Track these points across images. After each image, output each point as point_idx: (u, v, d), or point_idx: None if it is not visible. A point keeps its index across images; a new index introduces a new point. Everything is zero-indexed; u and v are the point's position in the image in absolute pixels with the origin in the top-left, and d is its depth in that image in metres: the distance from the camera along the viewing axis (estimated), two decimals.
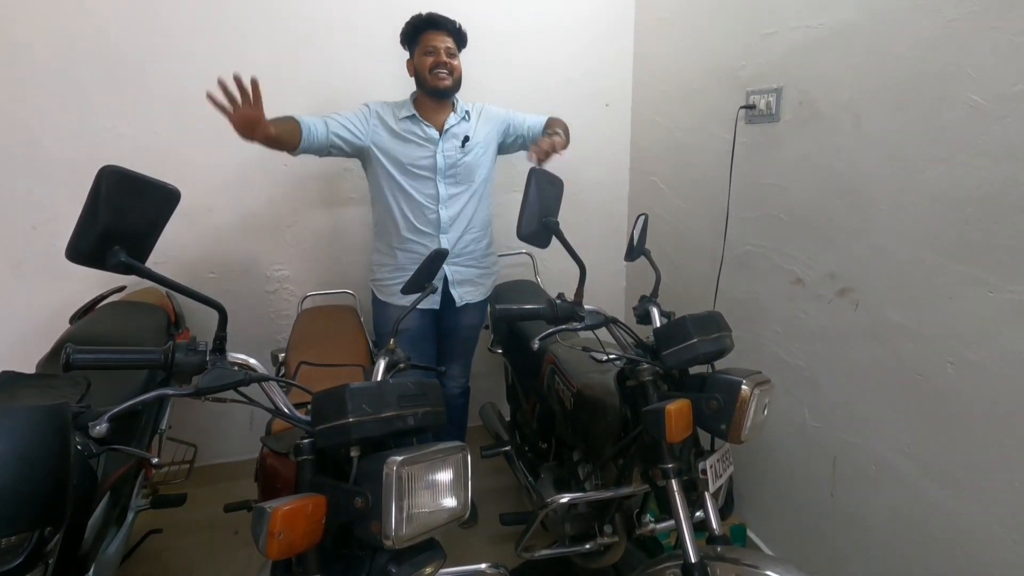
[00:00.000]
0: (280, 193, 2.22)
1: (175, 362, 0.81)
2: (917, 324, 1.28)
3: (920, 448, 1.30)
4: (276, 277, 2.30)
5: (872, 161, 1.35)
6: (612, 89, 2.47)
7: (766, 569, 1.07)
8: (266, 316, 2.33)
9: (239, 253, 2.24)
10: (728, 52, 1.82)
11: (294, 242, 2.28)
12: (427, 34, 1.74)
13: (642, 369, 1.14)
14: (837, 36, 1.42)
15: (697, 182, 2.06)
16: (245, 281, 2.27)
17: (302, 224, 2.27)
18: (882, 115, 1.32)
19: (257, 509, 0.75)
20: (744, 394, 1.04)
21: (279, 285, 2.31)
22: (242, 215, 2.21)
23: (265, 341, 2.33)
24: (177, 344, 0.83)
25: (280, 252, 2.28)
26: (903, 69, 1.26)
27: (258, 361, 2.38)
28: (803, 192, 1.58)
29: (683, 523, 1.08)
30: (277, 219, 2.24)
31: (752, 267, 1.79)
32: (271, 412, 0.89)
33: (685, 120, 2.09)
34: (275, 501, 0.76)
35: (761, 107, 1.68)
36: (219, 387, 0.82)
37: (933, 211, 1.22)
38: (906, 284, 1.29)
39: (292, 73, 2.13)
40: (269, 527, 0.72)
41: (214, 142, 2.11)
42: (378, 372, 1.09)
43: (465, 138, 1.83)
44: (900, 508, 1.36)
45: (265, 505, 0.74)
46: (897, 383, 1.34)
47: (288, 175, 2.21)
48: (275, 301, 2.32)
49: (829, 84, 1.45)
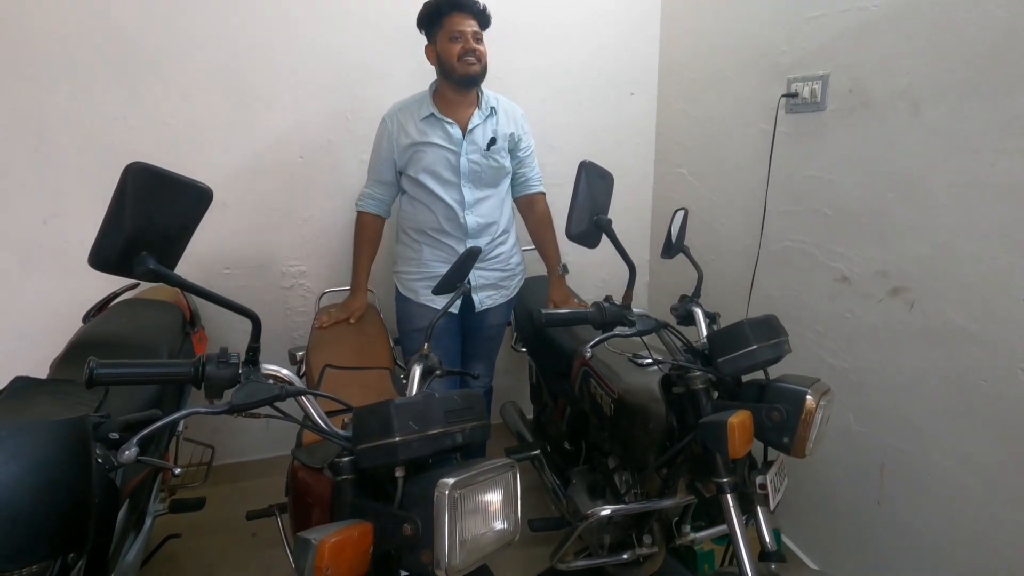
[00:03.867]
0: (296, 186, 2.15)
1: (206, 376, 0.74)
2: (983, 327, 1.20)
3: (983, 458, 1.22)
4: (292, 273, 2.23)
5: (933, 152, 1.27)
6: (637, 77, 2.38)
7: None
8: (281, 313, 2.27)
9: (254, 249, 2.17)
10: (767, 37, 1.73)
11: (310, 237, 2.22)
12: (451, 17, 1.64)
13: (694, 376, 1.07)
14: (895, 17, 1.33)
15: (730, 175, 1.98)
16: (260, 277, 2.21)
17: (319, 218, 2.20)
18: (946, 103, 1.23)
19: (301, 541, 0.69)
20: (810, 405, 0.97)
21: (294, 281, 2.25)
22: (257, 209, 2.14)
23: (281, 338, 2.27)
24: (208, 356, 0.76)
25: (296, 247, 2.21)
26: (972, 52, 1.17)
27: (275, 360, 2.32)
28: (850, 185, 1.49)
29: (739, 539, 1.01)
30: (293, 213, 2.18)
31: (791, 264, 1.71)
32: (309, 428, 0.82)
33: (717, 110, 2.00)
34: (319, 530, 0.70)
35: (804, 95, 1.59)
36: (254, 404, 0.75)
37: (1004, 206, 1.14)
38: (971, 284, 1.22)
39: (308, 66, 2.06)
40: (316, 562, 0.66)
41: (227, 134, 2.04)
42: (414, 380, 1.03)
43: (491, 140, 1.75)
44: (957, 520, 1.29)
45: (310, 536, 0.68)
46: (957, 389, 1.26)
47: (304, 168, 2.14)
48: (291, 298, 2.26)
49: (884, 70, 1.37)
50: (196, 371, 0.75)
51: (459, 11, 1.63)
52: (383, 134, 1.77)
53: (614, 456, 1.44)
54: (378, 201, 1.82)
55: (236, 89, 2.01)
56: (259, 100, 2.04)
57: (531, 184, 1.92)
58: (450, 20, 1.64)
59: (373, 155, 1.82)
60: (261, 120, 2.06)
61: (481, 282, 1.83)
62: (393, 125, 1.75)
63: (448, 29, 1.64)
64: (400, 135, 1.74)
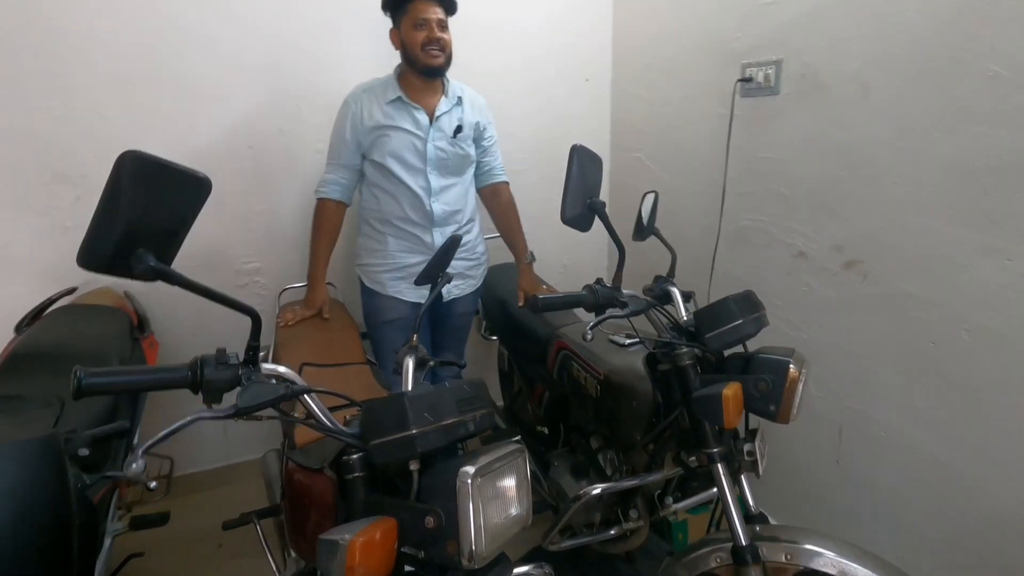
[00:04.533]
0: (247, 179, 2.04)
1: (205, 380, 0.70)
2: (931, 293, 1.30)
3: (933, 414, 1.34)
4: (246, 271, 2.13)
5: (882, 133, 1.36)
6: (591, 63, 2.41)
7: (805, 543, 1.06)
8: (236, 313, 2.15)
9: (203, 247, 2.04)
10: (721, 24, 1.78)
11: (264, 232, 2.11)
12: (416, 3, 1.60)
13: (682, 353, 1.10)
14: (845, 4, 1.40)
15: (687, 158, 2.04)
16: (211, 277, 2.08)
17: (273, 212, 2.10)
18: (893, 86, 1.32)
19: (326, 543, 0.66)
20: (793, 374, 1.03)
21: (249, 279, 2.14)
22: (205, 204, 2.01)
23: (236, 339, 2.16)
24: (204, 358, 0.71)
25: (249, 244, 2.10)
26: (917, 38, 1.26)
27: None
28: (805, 165, 1.58)
29: (731, 507, 1.06)
30: (244, 208, 2.06)
31: (750, 242, 1.79)
32: (314, 427, 0.79)
33: (673, 95, 2.05)
34: (341, 531, 0.67)
35: (759, 80, 1.66)
36: (261, 405, 0.71)
37: (948, 182, 1.24)
38: (919, 255, 1.32)
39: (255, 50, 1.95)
40: (347, 562, 0.63)
41: (167, 125, 1.91)
42: (408, 372, 1.00)
43: (457, 128, 1.72)
44: (912, 472, 1.40)
45: (336, 537, 0.65)
46: (909, 352, 1.37)
47: (254, 159, 2.03)
48: (246, 296, 2.15)
49: (835, 55, 1.44)
50: (195, 374, 0.70)
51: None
52: (346, 115, 1.70)
53: (597, 436, 1.47)
54: (341, 187, 1.75)
55: (175, 76, 1.87)
56: (201, 87, 1.91)
57: (495, 173, 1.92)
58: (415, 6, 1.59)
59: (334, 138, 1.75)
60: (205, 109, 1.94)
61: (449, 272, 1.81)
62: (357, 106, 1.69)
63: (413, 15, 1.60)
64: (365, 116, 1.68)
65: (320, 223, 1.77)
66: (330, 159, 1.76)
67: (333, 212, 1.76)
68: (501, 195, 1.94)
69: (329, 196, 1.74)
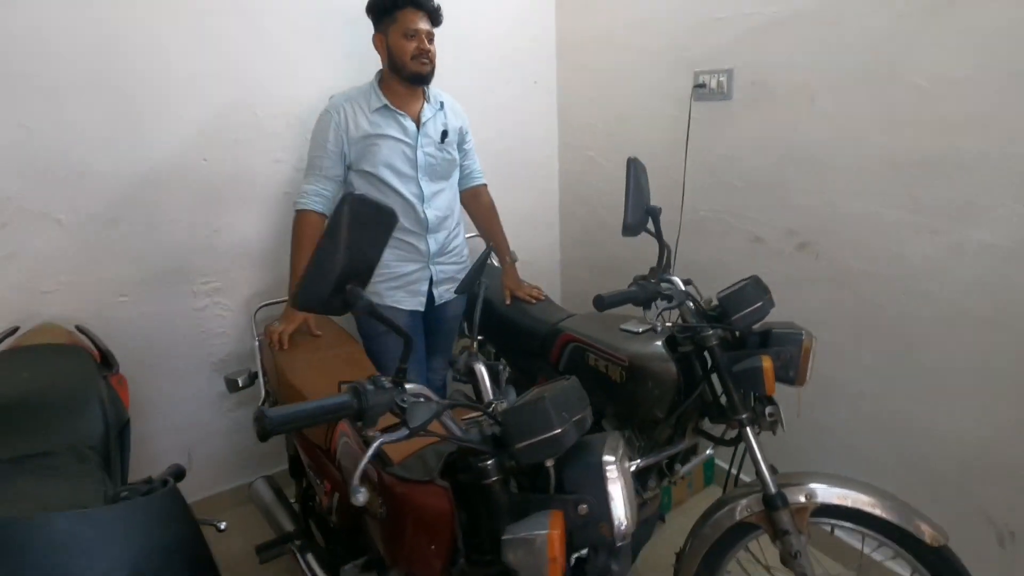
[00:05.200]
0: (202, 194, 1.90)
1: (368, 406, 0.71)
2: (874, 266, 1.58)
3: (880, 366, 1.62)
4: (205, 291, 1.98)
5: (827, 133, 1.61)
6: (539, 67, 2.51)
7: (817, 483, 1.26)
8: (196, 337, 2.01)
9: (156, 269, 1.88)
10: (673, 34, 1.97)
11: (224, 249, 1.98)
12: (406, 12, 1.60)
13: (708, 334, 1.26)
14: (790, 23, 1.63)
15: (642, 156, 2.20)
16: (167, 301, 1.92)
17: (232, 227, 1.98)
18: (836, 95, 1.57)
19: (517, 541, 0.71)
20: (807, 344, 1.23)
21: (209, 300, 2.00)
22: (155, 224, 1.85)
23: (197, 367, 2.02)
24: (361, 385, 0.72)
25: (208, 263, 1.96)
26: (856, 55, 1.51)
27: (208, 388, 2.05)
28: (758, 162, 1.81)
29: (760, 463, 1.23)
30: (200, 225, 1.92)
31: (710, 231, 2.01)
32: (455, 440, 0.81)
33: (626, 98, 2.22)
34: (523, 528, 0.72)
35: (712, 86, 1.87)
36: (428, 422, 0.73)
37: (884, 174, 1.51)
38: (863, 235, 1.58)
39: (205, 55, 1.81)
40: (549, 553, 0.69)
41: (109, 138, 1.73)
42: (484, 380, 1.06)
43: (443, 133, 1.75)
44: (862, 416, 1.69)
45: (526, 534, 0.70)
46: (857, 316, 1.64)
47: (210, 172, 1.90)
48: (206, 319, 2.01)
49: (783, 67, 1.67)
50: (360, 401, 0.70)
51: (415, 7, 1.61)
52: (328, 126, 1.66)
53: (610, 418, 1.60)
54: (323, 198, 1.70)
55: (113, 83, 1.70)
56: (146, 96, 1.75)
57: (475, 176, 1.97)
58: (404, 15, 1.60)
59: (316, 150, 1.69)
60: (151, 120, 1.78)
61: (441, 276, 1.84)
62: (340, 116, 1.65)
63: (403, 24, 1.60)
64: (351, 127, 1.65)
65: (302, 235, 1.70)
66: (311, 170, 1.71)
67: (316, 223, 1.70)
68: (481, 197, 2.00)
69: (312, 208, 1.69)
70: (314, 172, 1.70)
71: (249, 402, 2.15)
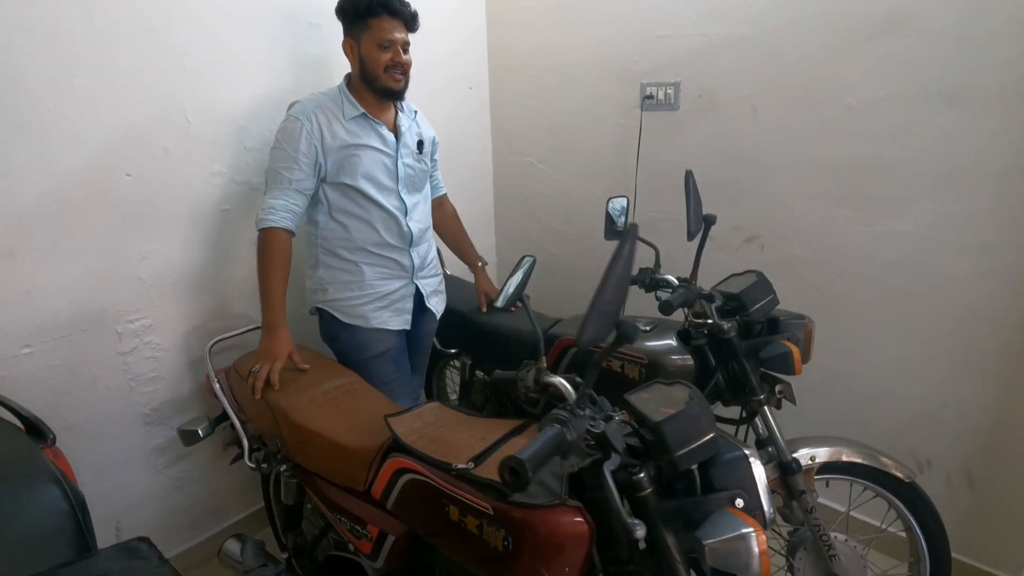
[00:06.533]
0: (126, 214, 1.60)
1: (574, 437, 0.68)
2: (814, 254, 1.85)
3: (821, 337, 1.89)
4: (132, 331, 1.67)
5: (769, 141, 1.85)
6: (473, 72, 2.50)
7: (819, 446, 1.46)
8: (123, 387, 1.69)
9: (68, 310, 1.55)
10: (619, 48, 2.09)
11: (154, 279, 1.68)
12: (381, 20, 1.49)
13: (727, 327, 1.38)
14: (734, 45, 1.84)
15: (586, 161, 2.33)
16: (83, 348, 1.59)
17: (162, 254, 1.69)
18: (777, 109, 1.81)
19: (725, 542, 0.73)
20: (809, 328, 1.41)
21: (138, 341, 1.69)
22: (67, 254, 1.52)
23: (125, 423, 1.71)
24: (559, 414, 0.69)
25: (134, 296, 1.66)
26: (793, 75, 1.75)
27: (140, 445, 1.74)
28: (706, 166, 2.00)
29: (777, 433, 1.40)
30: (125, 251, 1.62)
31: (661, 230, 2.17)
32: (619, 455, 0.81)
33: (569, 105, 2.30)
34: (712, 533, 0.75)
35: (660, 97, 2.03)
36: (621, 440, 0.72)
37: (820, 176, 1.78)
38: (803, 228, 1.85)
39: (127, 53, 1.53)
40: (760, 548, 0.72)
41: (5, 152, 1.37)
42: (569, 391, 1.06)
43: (419, 143, 1.68)
44: (809, 381, 1.95)
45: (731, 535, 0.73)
46: (800, 298, 1.89)
47: (135, 189, 1.60)
48: (134, 364, 1.69)
49: (728, 82, 1.88)
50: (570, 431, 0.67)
51: (391, 15, 1.49)
52: (300, 136, 1.49)
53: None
54: (292, 215, 1.52)
55: (6, 80, 1.36)
56: (54, 100, 1.43)
57: (439, 186, 1.93)
58: (379, 24, 1.49)
59: (282, 161, 1.51)
60: (58, 126, 1.45)
61: (428, 290, 1.77)
62: (312, 124, 1.50)
63: (377, 33, 1.49)
64: (326, 136, 1.51)
65: (271, 256, 1.51)
66: (277, 183, 1.52)
67: (285, 242, 1.52)
68: (445, 206, 1.95)
69: (279, 225, 1.50)
70: (281, 185, 1.51)
71: (188, 455, 1.86)
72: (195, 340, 1.80)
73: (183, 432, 1.58)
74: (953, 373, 1.68)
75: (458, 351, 2.07)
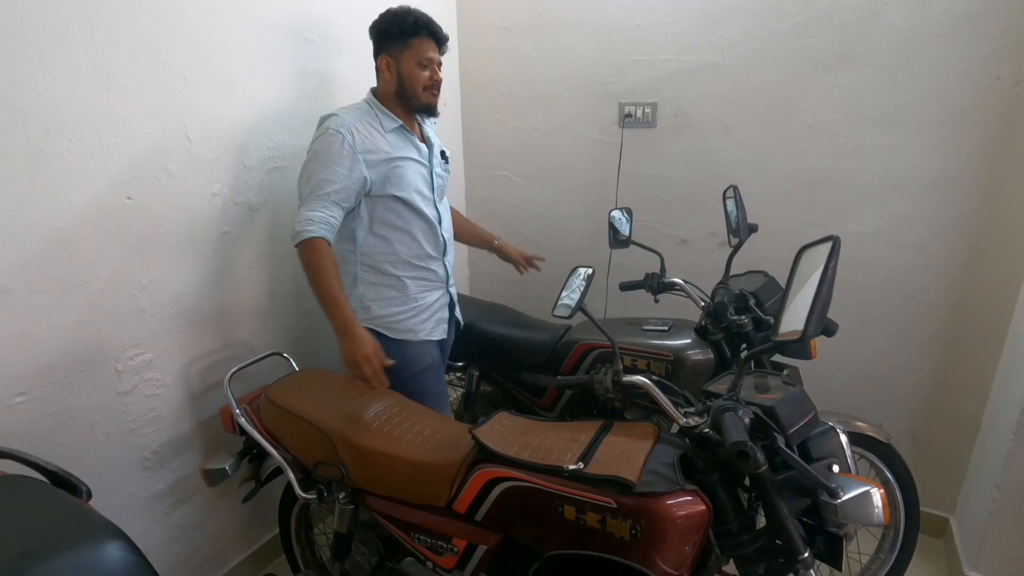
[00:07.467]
0: (125, 241, 1.47)
1: None
2: (779, 254, 2.10)
3: None
4: (133, 367, 1.53)
5: (740, 156, 2.08)
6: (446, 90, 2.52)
7: None
8: (121, 431, 1.54)
9: (65, 349, 1.39)
10: (596, 70, 2.24)
11: (155, 309, 1.56)
12: (421, 40, 1.53)
13: (745, 322, 1.56)
14: (707, 70, 2.05)
15: (566, 174, 2.46)
16: (82, 391, 1.44)
17: (163, 282, 1.56)
18: (746, 128, 2.05)
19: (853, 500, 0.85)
20: None
21: (138, 378, 1.55)
22: (63, 288, 1.37)
23: (123, 469, 1.56)
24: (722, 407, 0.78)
25: (134, 330, 1.52)
26: (760, 99, 2.00)
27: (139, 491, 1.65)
28: (681, 178, 2.21)
29: None
30: (124, 281, 1.48)
31: (639, 237, 2.33)
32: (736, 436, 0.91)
33: (546, 122, 2.42)
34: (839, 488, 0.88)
35: (638, 115, 2.21)
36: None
37: (785, 186, 2.04)
38: (770, 232, 2.10)
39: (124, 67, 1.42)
40: (883, 500, 0.85)
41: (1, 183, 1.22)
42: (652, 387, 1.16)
43: (443, 152, 1.73)
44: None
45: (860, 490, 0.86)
46: None
47: (135, 214, 1.48)
48: (134, 404, 1.55)
49: (701, 103, 2.10)
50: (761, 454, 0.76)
51: (431, 37, 1.54)
52: (340, 148, 1.46)
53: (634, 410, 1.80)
54: (330, 227, 1.47)
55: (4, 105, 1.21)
56: (46, 115, 1.29)
57: None
58: (420, 43, 1.52)
59: (323, 173, 1.46)
60: (59, 151, 1.31)
61: (456, 299, 1.81)
62: (354, 138, 1.49)
63: (418, 53, 1.53)
64: (370, 149, 1.51)
65: (322, 261, 1.44)
66: (317, 196, 1.46)
67: (329, 251, 1.46)
68: None
69: (320, 235, 1.44)
70: (320, 198, 1.46)
71: (187, 498, 1.73)
72: (195, 373, 1.68)
73: (210, 472, 1.47)
74: (899, 348, 2.00)
75: (465, 364, 2.09)
